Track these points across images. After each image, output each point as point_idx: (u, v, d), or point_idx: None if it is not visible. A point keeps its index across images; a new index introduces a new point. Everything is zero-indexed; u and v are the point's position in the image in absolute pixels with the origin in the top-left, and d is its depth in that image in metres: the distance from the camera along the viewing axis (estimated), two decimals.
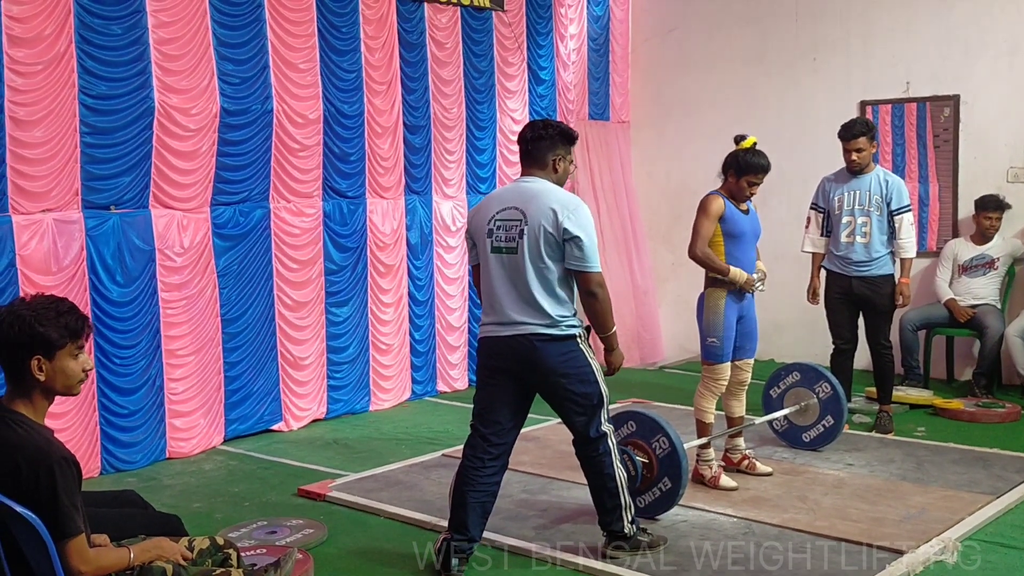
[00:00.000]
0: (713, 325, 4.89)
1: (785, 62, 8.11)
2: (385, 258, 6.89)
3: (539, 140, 3.90)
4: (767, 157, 4.89)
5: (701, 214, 4.88)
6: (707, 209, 4.86)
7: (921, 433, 5.99)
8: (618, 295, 8.39)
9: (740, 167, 4.85)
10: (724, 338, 4.87)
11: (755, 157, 4.85)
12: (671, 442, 4.38)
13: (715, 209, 4.85)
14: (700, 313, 4.98)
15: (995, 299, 6.97)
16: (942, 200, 7.53)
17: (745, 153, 4.86)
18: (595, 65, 8.47)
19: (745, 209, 4.97)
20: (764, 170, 4.87)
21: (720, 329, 4.88)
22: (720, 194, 4.92)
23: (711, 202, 4.88)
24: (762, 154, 4.87)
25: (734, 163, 4.88)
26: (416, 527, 4.48)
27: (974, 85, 7.29)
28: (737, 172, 4.86)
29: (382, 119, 6.77)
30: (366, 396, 6.84)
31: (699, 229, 4.87)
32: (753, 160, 4.84)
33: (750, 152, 4.86)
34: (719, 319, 4.88)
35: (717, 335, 4.88)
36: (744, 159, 4.85)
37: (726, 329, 4.87)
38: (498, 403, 3.92)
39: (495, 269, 3.85)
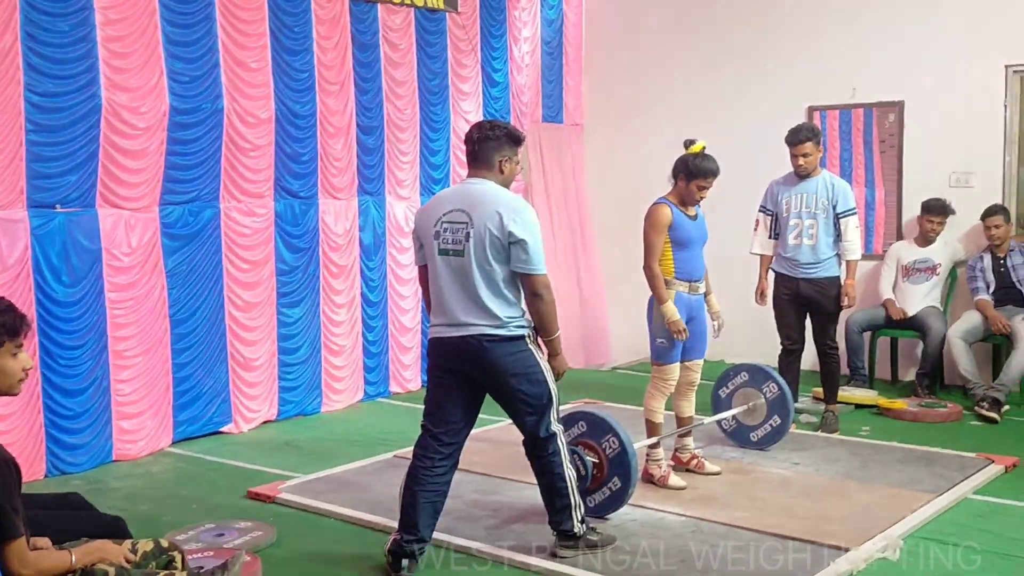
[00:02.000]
0: (662, 326, 4.93)
1: (736, 68, 8.20)
2: (338, 259, 6.86)
3: (486, 141, 3.91)
4: (716, 161, 4.94)
5: (649, 227, 4.92)
6: (655, 221, 4.90)
7: (866, 432, 6.10)
8: (566, 298, 8.43)
9: (690, 171, 4.89)
10: (673, 339, 4.92)
11: (704, 161, 4.90)
12: (621, 442, 4.41)
13: (663, 220, 4.89)
14: (650, 314, 5.03)
15: (937, 302, 7.12)
16: (887, 204, 7.67)
17: (694, 157, 4.91)
18: (548, 68, 8.51)
19: (693, 214, 5.02)
20: (713, 174, 4.92)
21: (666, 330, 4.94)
22: (667, 202, 4.95)
23: (659, 214, 4.91)
24: (711, 158, 4.93)
25: (684, 167, 4.93)
26: (367, 528, 4.47)
27: (918, 92, 7.43)
28: (687, 176, 4.91)
29: (335, 119, 6.75)
30: (318, 397, 6.80)
31: (649, 243, 4.91)
32: (703, 164, 4.89)
33: (699, 156, 4.91)
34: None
35: (666, 336, 4.92)
36: (694, 163, 4.89)
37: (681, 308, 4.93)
38: (449, 403, 3.93)
39: (443, 271, 3.86)
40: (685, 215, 4.96)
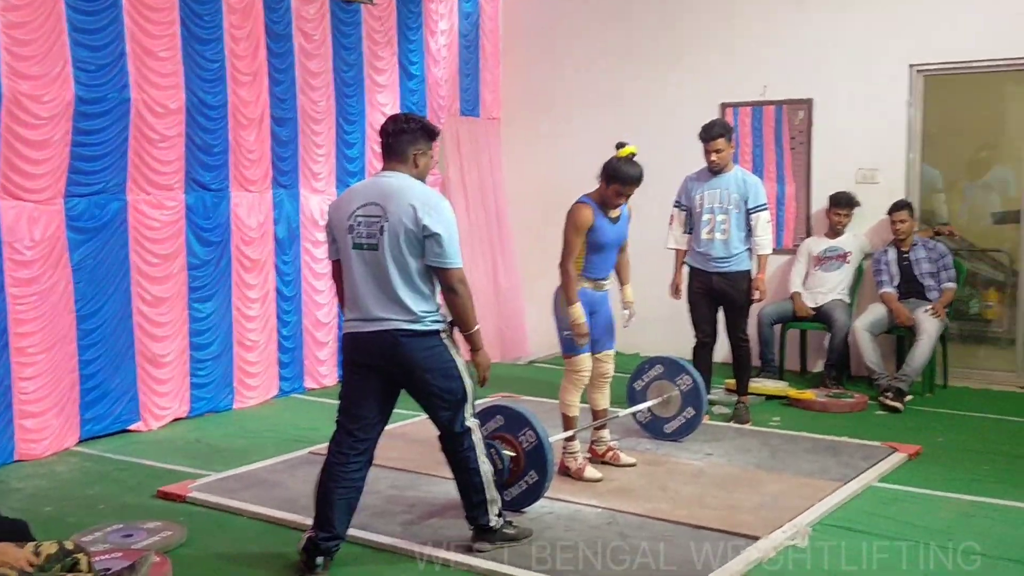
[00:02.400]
0: (563, 316, 4.99)
1: (651, 63, 8.30)
2: (251, 253, 6.74)
3: (400, 134, 3.88)
4: (640, 168, 4.91)
5: (570, 226, 4.92)
6: (576, 222, 4.90)
7: (776, 423, 6.23)
8: (483, 292, 8.45)
9: (611, 175, 4.90)
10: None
11: (628, 167, 4.88)
12: (537, 436, 4.43)
13: (584, 222, 4.90)
14: (555, 307, 5.07)
15: (845, 294, 7.32)
16: (797, 199, 7.85)
17: (620, 161, 4.89)
18: (466, 61, 8.49)
19: (616, 216, 5.03)
20: (634, 181, 4.90)
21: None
22: (590, 201, 4.95)
23: (580, 214, 4.91)
24: (636, 165, 4.89)
25: (607, 169, 4.92)
26: (281, 526, 4.40)
27: (826, 89, 7.62)
28: (607, 179, 4.92)
29: (248, 110, 6.63)
30: (230, 394, 6.68)
31: (568, 242, 4.93)
32: (624, 170, 4.87)
33: (624, 161, 4.89)
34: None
35: (571, 328, 4.97)
36: (616, 167, 4.89)
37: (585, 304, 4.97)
38: (363, 398, 3.89)
39: (357, 265, 3.82)
40: (606, 217, 4.97)
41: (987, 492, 4.80)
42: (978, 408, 6.62)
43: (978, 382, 7.37)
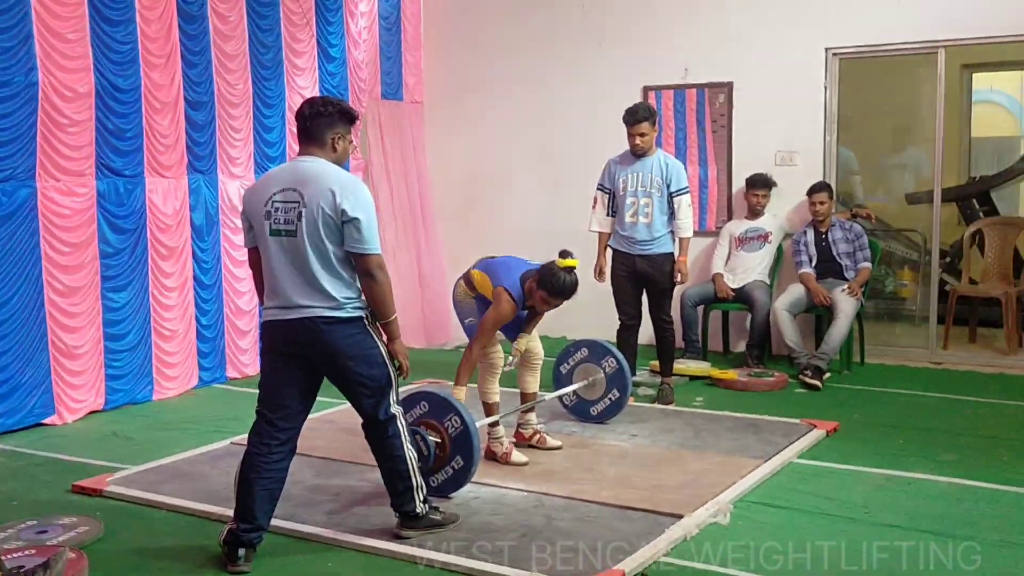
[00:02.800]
0: (465, 305, 5.06)
1: (573, 46, 8.31)
2: (167, 240, 6.58)
3: (317, 117, 3.80)
4: (574, 283, 4.76)
5: (493, 315, 4.80)
6: (500, 314, 4.79)
7: (699, 403, 6.31)
8: (407, 277, 8.40)
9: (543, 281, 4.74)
10: (478, 313, 4.99)
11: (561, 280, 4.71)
12: (463, 421, 4.41)
13: (505, 316, 4.81)
14: (454, 299, 5.16)
15: (765, 275, 7.44)
16: (719, 182, 7.95)
17: (557, 271, 4.73)
18: (387, 44, 8.39)
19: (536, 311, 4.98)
20: (563, 295, 4.76)
21: (474, 310, 5.02)
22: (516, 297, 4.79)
23: (506, 309, 4.78)
24: (572, 278, 4.74)
25: (542, 273, 4.76)
26: (202, 519, 4.31)
27: (746, 73, 7.72)
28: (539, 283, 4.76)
29: (161, 94, 6.45)
30: (149, 385, 6.53)
31: (485, 330, 4.83)
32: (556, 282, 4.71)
33: (561, 272, 4.73)
34: (469, 299, 5.06)
35: (473, 313, 5.00)
36: (552, 277, 4.72)
37: (479, 309, 4.99)
38: (285, 387, 3.83)
39: (275, 252, 3.75)
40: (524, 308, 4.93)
41: (902, 466, 4.93)
42: (893, 384, 6.79)
43: (893, 359, 7.56)
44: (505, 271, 4.91)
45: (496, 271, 4.94)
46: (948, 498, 4.46)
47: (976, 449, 5.23)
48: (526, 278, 4.85)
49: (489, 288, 4.91)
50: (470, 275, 5.08)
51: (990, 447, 5.26)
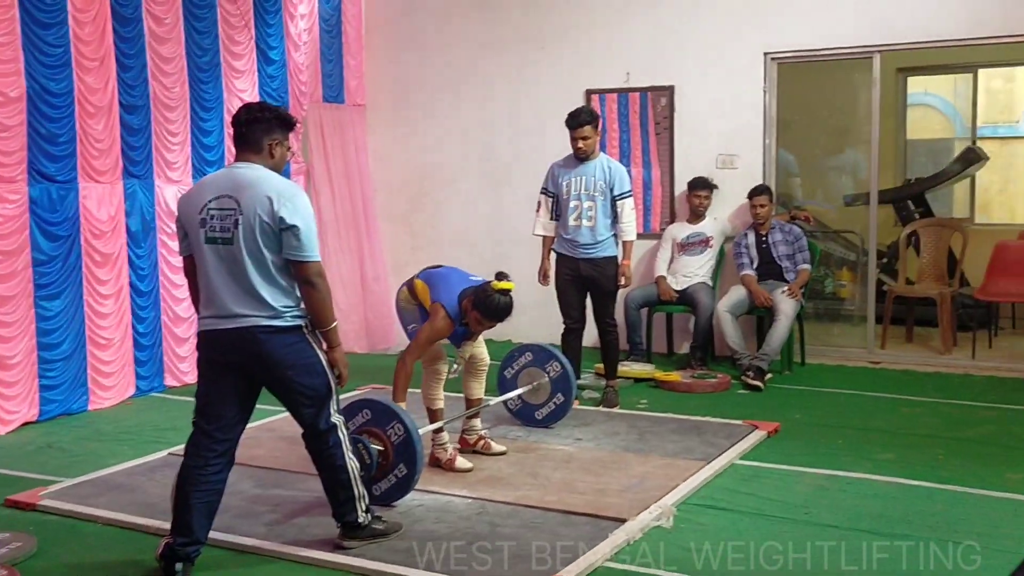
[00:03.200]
0: (407, 312, 5.05)
1: (515, 50, 8.31)
2: (102, 247, 6.44)
3: (254, 123, 3.74)
4: (509, 305, 4.76)
5: (429, 328, 4.79)
6: (436, 330, 4.79)
7: (643, 405, 6.34)
8: (350, 282, 8.34)
9: (477, 302, 4.74)
10: (420, 318, 4.98)
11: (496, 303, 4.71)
12: (406, 428, 4.37)
13: (439, 331, 4.80)
14: (398, 307, 5.13)
15: (708, 278, 7.50)
16: (663, 184, 8.00)
17: (492, 293, 4.73)
18: (328, 46, 8.31)
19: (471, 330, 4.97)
20: (496, 318, 4.78)
21: (416, 317, 5.00)
22: (455, 315, 4.80)
23: (441, 327, 4.78)
24: (506, 300, 4.74)
25: (477, 294, 4.75)
26: (139, 532, 4.22)
27: (687, 77, 7.78)
28: (474, 304, 4.76)
29: (95, 98, 6.32)
30: (84, 395, 6.38)
31: (420, 344, 4.81)
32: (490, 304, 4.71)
33: (496, 294, 4.73)
34: (412, 306, 5.04)
35: (416, 320, 4.99)
36: (486, 299, 4.72)
37: (421, 317, 4.97)
38: (222, 398, 3.75)
39: (211, 260, 3.68)
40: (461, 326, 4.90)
41: (841, 466, 5.00)
42: (833, 384, 6.89)
43: (833, 359, 7.67)
44: (445, 285, 4.88)
45: (436, 284, 4.92)
46: (886, 497, 4.53)
47: (913, 448, 5.32)
48: (464, 295, 4.82)
49: (428, 300, 4.90)
50: (413, 283, 5.05)
51: (926, 446, 5.36)
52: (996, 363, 7.36)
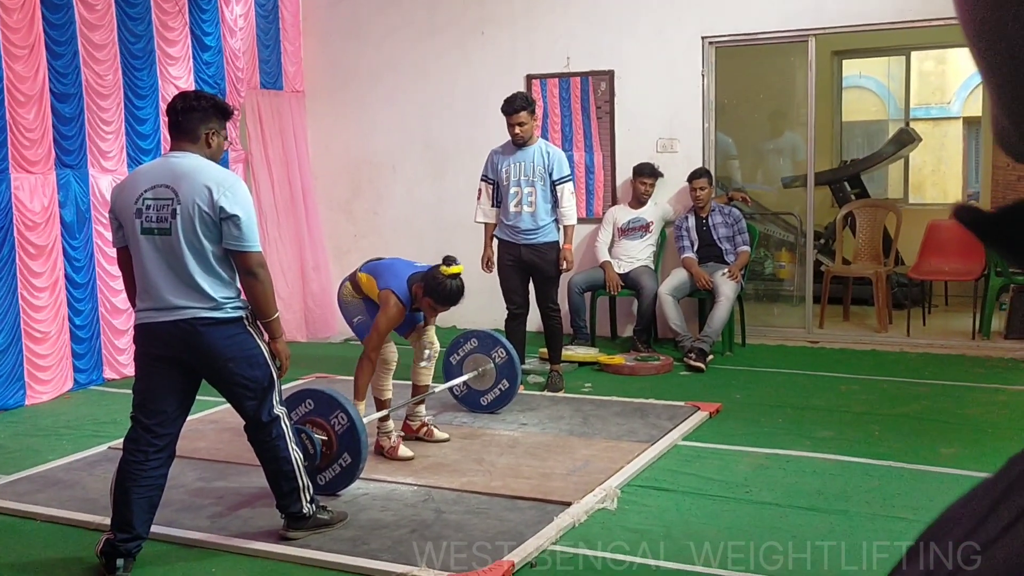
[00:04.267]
0: (352, 306, 5.05)
1: (455, 35, 8.27)
2: (35, 238, 6.31)
3: (190, 112, 3.69)
4: (460, 288, 4.81)
5: (383, 316, 4.79)
6: (390, 317, 4.78)
7: (588, 389, 6.39)
8: (290, 271, 8.27)
9: (429, 288, 4.77)
10: (365, 310, 4.99)
11: (447, 287, 4.75)
12: (350, 417, 4.35)
13: (393, 318, 4.80)
14: (340, 304, 5.13)
15: (650, 261, 7.56)
16: (605, 168, 8.03)
17: (442, 278, 4.75)
18: (264, 32, 8.20)
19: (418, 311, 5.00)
20: (449, 302, 4.82)
21: (362, 309, 5.01)
22: (403, 299, 4.80)
23: (394, 312, 4.78)
24: (457, 283, 4.79)
25: (428, 280, 4.78)
26: (79, 528, 4.16)
27: (626, 61, 7.81)
28: (426, 291, 4.78)
29: (25, 86, 6.17)
30: (20, 389, 6.25)
31: (380, 332, 4.80)
32: (442, 289, 4.74)
33: (447, 279, 4.75)
34: (356, 300, 5.04)
35: (361, 312, 4.99)
36: (437, 284, 4.75)
37: (367, 310, 4.98)
38: (161, 392, 3.71)
39: (147, 252, 3.62)
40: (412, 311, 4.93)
41: (781, 444, 5.09)
42: (773, 364, 7.01)
43: (773, 339, 7.80)
44: (391, 274, 4.89)
45: (382, 274, 4.91)
46: (824, 474, 4.63)
47: (850, 425, 5.43)
48: (413, 281, 4.83)
49: (375, 290, 4.88)
50: (356, 277, 5.04)
51: (863, 423, 5.47)
52: (930, 340, 7.54)
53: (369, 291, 4.94)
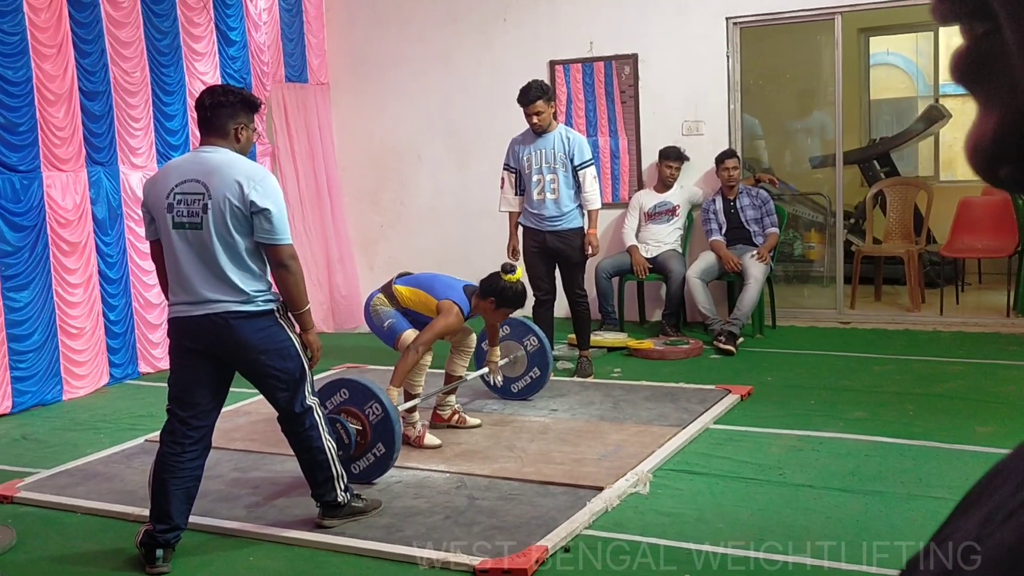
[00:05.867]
0: (382, 313, 5.09)
1: (477, 22, 8.26)
2: (69, 236, 6.39)
3: (219, 107, 3.71)
4: (525, 288, 5.06)
5: (442, 321, 4.87)
6: (448, 324, 4.88)
7: (617, 374, 6.39)
8: (317, 263, 8.31)
9: (502, 300, 4.95)
10: (396, 313, 5.05)
11: (518, 292, 4.97)
12: (384, 408, 4.38)
13: (453, 326, 4.92)
14: (368, 317, 5.20)
15: (677, 245, 7.54)
16: (631, 153, 8.01)
17: (509, 286, 4.94)
18: (288, 25, 8.23)
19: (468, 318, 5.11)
20: (523, 304, 5.06)
21: (392, 313, 5.06)
22: (464, 309, 4.93)
23: (454, 320, 4.88)
24: (523, 287, 5.02)
25: (498, 294, 4.94)
26: (118, 520, 4.23)
27: (649, 44, 7.77)
28: (498, 302, 4.96)
29: (54, 85, 6.23)
30: (57, 385, 6.34)
31: (435, 333, 4.87)
32: (516, 296, 4.97)
33: (514, 286, 4.95)
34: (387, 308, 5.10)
35: (392, 316, 5.05)
36: (507, 293, 4.93)
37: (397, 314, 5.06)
38: (195, 385, 3.75)
39: (180, 246, 3.66)
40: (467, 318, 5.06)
41: (813, 426, 5.06)
42: (804, 346, 6.97)
43: (804, 321, 7.75)
44: (443, 286, 5.04)
45: (431, 286, 5.06)
46: (858, 455, 4.60)
47: (884, 405, 5.40)
48: (470, 292, 5.02)
49: (423, 303, 5.00)
50: (393, 290, 5.11)
51: (897, 403, 5.44)
52: (963, 318, 7.47)
53: (417, 304, 5.03)
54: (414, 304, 5.04)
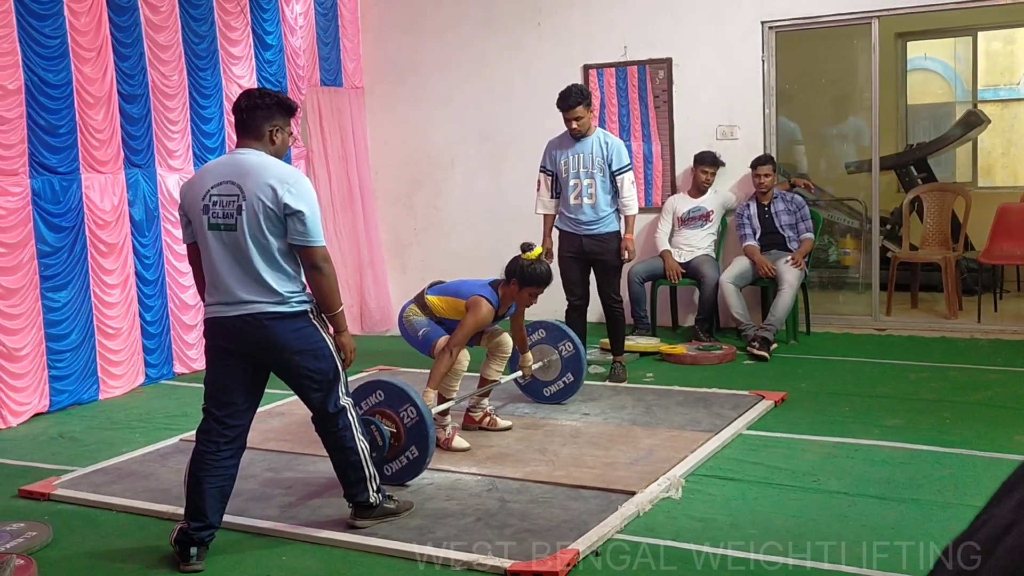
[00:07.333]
0: (416, 322, 5.11)
1: (511, 26, 8.28)
2: (107, 237, 6.47)
3: (255, 110, 3.74)
4: (549, 267, 5.06)
5: (471, 319, 4.90)
6: (477, 319, 4.90)
7: (650, 379, 6.36)
8: (350, 266, 8.35)
9: (525, 278, 4.96)
10: (430, 322, 5.06)
11: (541, 269, 4.99)
12: (418, 411, 4.39)
13: (483, 320, 4.93)
14: (402, 328, 5.20)
15: (711, 250, 7.50)
16: (664, 158, 7.98)
17: (531, 265, 4.96)
18: (323, 29, 8.29)
19: (504, 313, 5.11)
20: (549, 282, 5.04)
21: (425, 322, 5.08)
22: (494, 302, 4.94)
23: (483, 314, 4.90)
24: (546, 265, 5.04)
25: (519, 273, 4.97)
26: (153, 518, 4.26)
27: (683, 48, 7.74)
28: (521, 282, 4.98)
29: (93, 88, 6.32)
30: (94, 384, 6.42)
31: (464, 332, 4.90)
32: (539, 273, 4.98)
33: (536, 264, 4.97)
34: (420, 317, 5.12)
35: (426, 324, 5.07)
36: (531, 272, 4.96)
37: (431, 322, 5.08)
38: (231, 385, 3.78)
39: (215, 247, 3.69)
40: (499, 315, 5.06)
41: (848, 432, 5.02)
42: (839, 352, 6.90)
43: (839, 327, 7.68)
44: (471, 285, 5.07)
45: (459, 289, 5.09)
46: (893, 463, 4.55)
47: (920, 413, 5.33)
48: (498, 285, 5.03)
49: (454, 308, 5.03)
50: (425, 300, 5.13)
51: (933, 410, 5.37)
52: (1001, 326, 7.37)
53: (449, 310, 5.05)
54: (446, 312, 5.07)
